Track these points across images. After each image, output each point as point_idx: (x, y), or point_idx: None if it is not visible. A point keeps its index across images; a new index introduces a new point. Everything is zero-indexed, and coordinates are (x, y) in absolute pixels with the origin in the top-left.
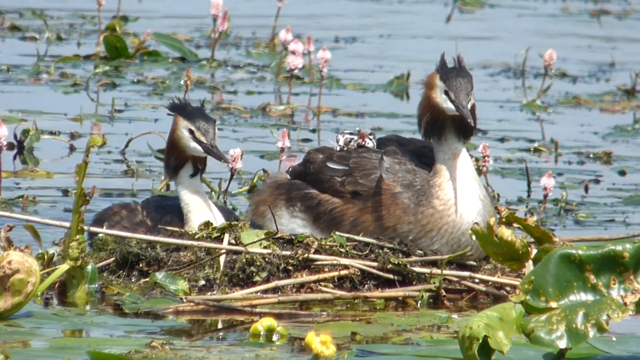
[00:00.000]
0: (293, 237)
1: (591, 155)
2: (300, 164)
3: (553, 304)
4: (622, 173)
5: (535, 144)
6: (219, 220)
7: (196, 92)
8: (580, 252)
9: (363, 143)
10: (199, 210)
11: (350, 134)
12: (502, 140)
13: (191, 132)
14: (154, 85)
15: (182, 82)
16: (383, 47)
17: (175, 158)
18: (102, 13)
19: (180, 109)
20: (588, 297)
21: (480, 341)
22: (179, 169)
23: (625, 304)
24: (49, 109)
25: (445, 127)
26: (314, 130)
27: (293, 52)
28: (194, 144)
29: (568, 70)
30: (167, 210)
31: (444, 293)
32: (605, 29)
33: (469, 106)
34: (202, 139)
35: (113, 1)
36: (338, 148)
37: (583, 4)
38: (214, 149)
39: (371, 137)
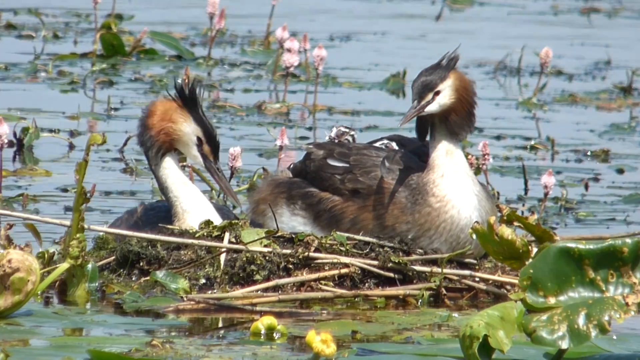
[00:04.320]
0: (293, 236)
1: (588, 153)
2: (301, 161)
3: (552, 299)
4: (620, 171)
5: (532, 142)
6: (211, 212)
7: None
8: (579, 246)
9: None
10: (192, 206)
11: (347, 127)
12: (498, 138)
13: (199, 140)
14: (152, 83)
15: (179, 81)
16: (378, 45)
17: (164, 146)
18: (97, 11)
19: (191, 104)
20: (587, 291)
21: (481, 340)
22: (162, 157)
23: (627, 304)
24: (46, 107)
25: (433, 126)
26: (310, 128)
27: (289, 50)
28: (195, 154)
29: (563, 68)
30: (156, 211)
31: (444, 292)
32: (595, 27)
33: (422, 105)
34: (210, 157)
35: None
36: (327, 139)
37: (573, 2)
38: (221, 177)
39: (353, 133)
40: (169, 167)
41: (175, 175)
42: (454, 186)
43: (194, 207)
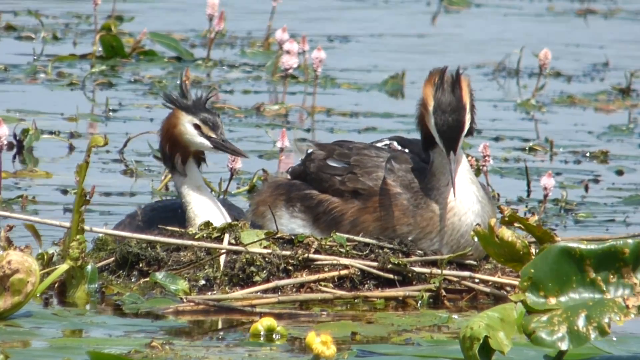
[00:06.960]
0: (293, 237)
1: (587, 155)
2: (300, 164)
3: (552, 300)
4: (620, 173)
5: (530, 143)
6: (224, 216)
7: (192, 92)
8: (580, 246)
9: None
10: (203, 211)
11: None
12: (496, 139)
13: (197, 127)
14: (151, 84)
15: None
16: (376, 46)
17: (181, 154)
18: (97, 13)
19: (180, 102)
20: (587, 292)
21: (481, 341)
22: (185, 164)
23: (627, 306)
24: (45, 109)
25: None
26: (308, 130)
27: (288, 52)
28: (200, 140)
29: (562, 69)
30: (158, 211)
31: (444, 293)
32: (591, 28)
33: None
34: (212, 134)
35: (107, 1)
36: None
37: (569, 3)
38: (226, 144)
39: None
40: (188, 171)
41: (190, 181)
42: (458, 193)
43: (204, 211)
